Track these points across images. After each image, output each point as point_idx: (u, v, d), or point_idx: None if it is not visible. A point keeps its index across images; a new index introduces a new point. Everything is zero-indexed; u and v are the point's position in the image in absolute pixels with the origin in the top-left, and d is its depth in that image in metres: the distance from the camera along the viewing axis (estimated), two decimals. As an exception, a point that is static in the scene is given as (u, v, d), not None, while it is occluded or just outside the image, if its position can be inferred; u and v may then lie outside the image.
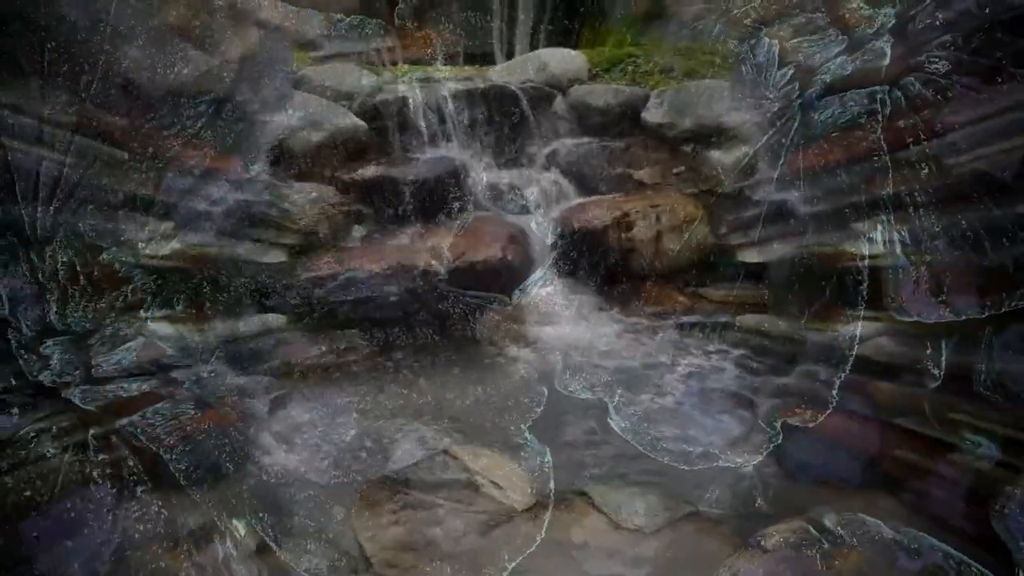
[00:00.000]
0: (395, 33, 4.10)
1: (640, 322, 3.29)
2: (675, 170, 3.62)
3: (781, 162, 2.80)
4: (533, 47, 4.31)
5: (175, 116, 2.41)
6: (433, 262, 3.03)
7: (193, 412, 2.23)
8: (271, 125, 2.99)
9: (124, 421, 2.12)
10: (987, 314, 2.00)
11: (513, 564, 2.06)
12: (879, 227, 2.35)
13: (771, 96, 2.79)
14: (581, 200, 3.69)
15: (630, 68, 4.04)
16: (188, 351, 2.40)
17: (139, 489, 2.06)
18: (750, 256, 3.24)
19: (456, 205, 3.52)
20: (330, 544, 2.13)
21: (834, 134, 2.52)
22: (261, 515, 2.20)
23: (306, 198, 3.04)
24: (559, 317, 3.33)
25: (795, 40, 2.72)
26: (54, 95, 2.08)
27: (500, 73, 4.08)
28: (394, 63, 4.16)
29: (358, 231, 3.22)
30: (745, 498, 2.31)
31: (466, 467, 2.41)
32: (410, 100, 3.60)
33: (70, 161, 2.10)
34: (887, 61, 2.36)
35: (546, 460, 2.47)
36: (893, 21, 2.37)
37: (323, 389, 2.82)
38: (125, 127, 2.25)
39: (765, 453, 2.40)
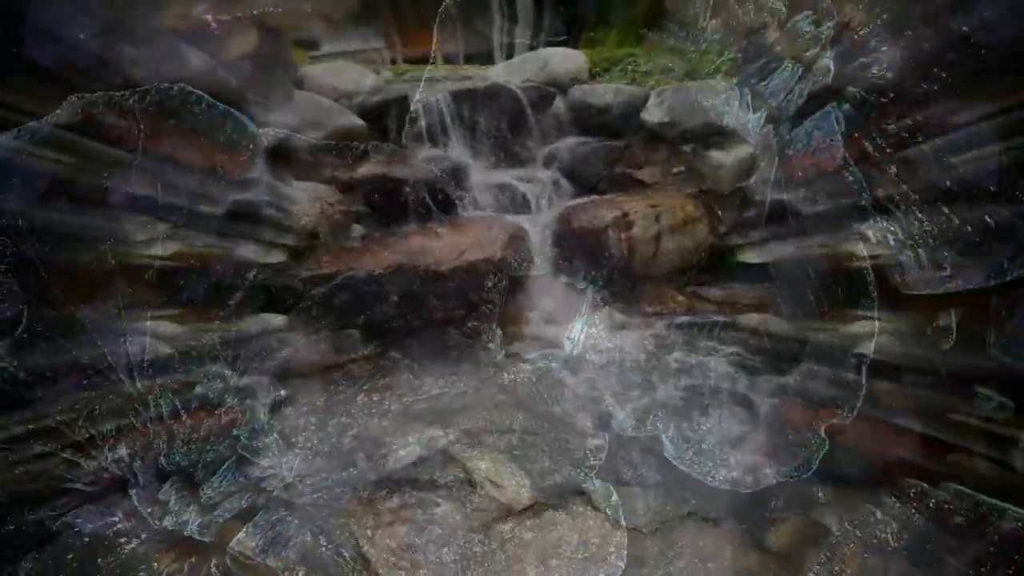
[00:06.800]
0: (395, 32, 4.10)
1: (640, 322, 3.29)
2: (675, 170, 3.62)
3: (778, 165, 2.82)
4: (533, 47, 4.30)
5: (176, 118, 2.41)
6: (432, 262, 3.03)
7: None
8: (271, 125, 2.98)
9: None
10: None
11: (512, 562, 2.06)
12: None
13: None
14: (581, 200, 3.69)
15: (630, 68, 4.03)
16: (191, 351, 2.42)
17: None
18: (750, 256, 3.25)
19: (456, 205, 3.52)
20: (329, 543, 2.13)
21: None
22: (259, 516, 2.21)
23: (306, 198, 3.04)
24: (558, 317, 3.33)
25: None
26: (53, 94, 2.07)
27: (500, 72, 4.07)
28: (394, 62, 4.16)
29: (357, 231, 3.22)
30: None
31: (465, 466, 2.42)
32: (410, 100, 3.60)
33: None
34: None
35: (546, 460, 2.48)
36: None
37: (323, 389, 2.83)
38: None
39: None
